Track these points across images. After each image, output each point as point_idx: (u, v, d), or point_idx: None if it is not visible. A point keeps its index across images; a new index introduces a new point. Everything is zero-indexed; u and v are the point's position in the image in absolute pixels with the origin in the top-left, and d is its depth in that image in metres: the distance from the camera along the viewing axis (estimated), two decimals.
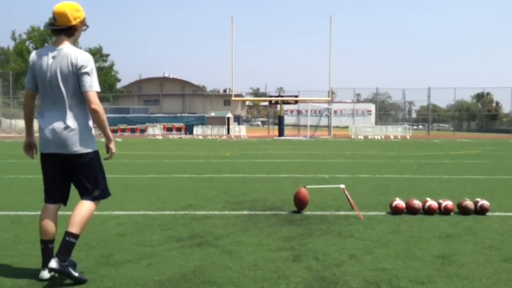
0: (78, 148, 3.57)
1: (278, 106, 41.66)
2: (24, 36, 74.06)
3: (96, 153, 3.72)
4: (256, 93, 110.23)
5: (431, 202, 6.09)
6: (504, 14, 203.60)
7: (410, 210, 6.08)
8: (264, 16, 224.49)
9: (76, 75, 3.51)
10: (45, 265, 3.55)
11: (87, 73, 3.52)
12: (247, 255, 4.29)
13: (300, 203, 6.24)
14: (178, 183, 9.12)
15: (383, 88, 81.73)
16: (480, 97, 69.17)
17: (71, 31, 3.60)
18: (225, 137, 39.29)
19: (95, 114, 3.56)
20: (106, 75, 79.04)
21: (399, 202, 6.13)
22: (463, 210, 6.08)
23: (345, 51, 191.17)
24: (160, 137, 38.21)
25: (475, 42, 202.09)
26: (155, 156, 16.22)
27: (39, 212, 3.73)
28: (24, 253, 4.28)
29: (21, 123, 53.94)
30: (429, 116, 54.23)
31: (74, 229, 3.50)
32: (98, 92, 3.58)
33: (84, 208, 3.63)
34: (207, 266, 3.94)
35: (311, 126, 41.13)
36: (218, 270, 3.85)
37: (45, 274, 3.56)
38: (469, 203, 6.09)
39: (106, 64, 79.36)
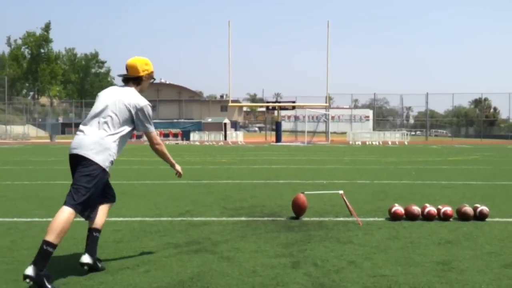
0: (89, 153, 3.79)
1: (276, 112, 41.69)
2: (20, 42, 74.21)
3: (101, 170, 3.88)
4: (253, 98, 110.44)
5: (430, 208, 6.06)
6: (502, 20, 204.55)
7: (409, 216, 6.05)
8: (261, 21, 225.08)
9: (130, 113, 3.95)
10: (85, 250, 3.89)
11: (144, 117, 4.01)
12: (245, 261, 4.25)
13: (298, 209, 6.20)
14: (175, 189, 9.08)
15: (381, 93, 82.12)
16: (478, 102, 69.43)
17: (138, 80, 4.17)
18: (222, 143, 39.22)
19: (158, 151, 4.23)
20: (102, 81, 79.18)
21: (398, 208, 6.10)
22: (462, 216, 6.06)
23: (343, 56, 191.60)
24: None
25: (473, 48, 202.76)
26: (152, 162, 16.17)
27: (35, 219, 3.72)
28: (20, 260, 4.23)
29: (16, 129, 53.88)
30: (427, 121, 54.35)
31: (50, 237, 3.44)
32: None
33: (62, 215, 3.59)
34: (205, 273, 3.90)
35: (308, 132, 41.21)
36: (216, 276, 3.81)
37: (85, 258, 3.83)
38: (468, 209, 6.06)
39: (102, 70, 79.55)
